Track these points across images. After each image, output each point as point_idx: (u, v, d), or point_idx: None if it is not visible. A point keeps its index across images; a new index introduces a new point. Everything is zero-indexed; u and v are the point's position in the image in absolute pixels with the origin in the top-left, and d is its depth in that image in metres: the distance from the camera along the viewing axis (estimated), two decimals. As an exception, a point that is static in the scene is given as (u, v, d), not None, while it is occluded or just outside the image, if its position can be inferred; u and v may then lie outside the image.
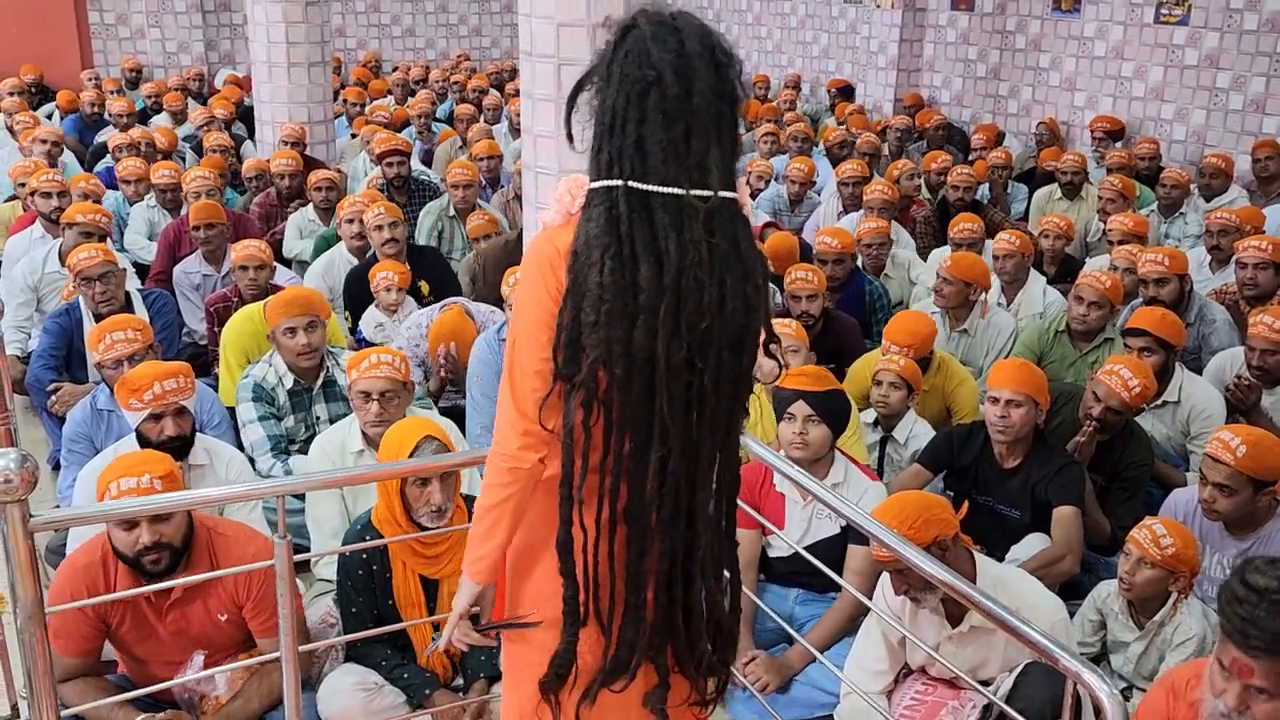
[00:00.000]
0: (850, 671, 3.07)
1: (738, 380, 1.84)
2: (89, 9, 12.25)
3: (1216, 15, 8.11)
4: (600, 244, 1.72)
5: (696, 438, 1.80)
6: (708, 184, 1.72)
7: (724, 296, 1.74)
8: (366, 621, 3.05)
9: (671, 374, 1.74)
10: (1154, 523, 3.06)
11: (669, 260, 1.70)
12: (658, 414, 1.75)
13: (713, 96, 1.71)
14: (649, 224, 1.71)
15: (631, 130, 1.71)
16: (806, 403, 3.41)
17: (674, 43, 1.71)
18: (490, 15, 14.42)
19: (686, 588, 1.91)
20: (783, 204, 7.41)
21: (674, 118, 1.70)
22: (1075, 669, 1.92)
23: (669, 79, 1.69)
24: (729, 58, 1.75)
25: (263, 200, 6.91)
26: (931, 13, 10.56)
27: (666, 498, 1.81)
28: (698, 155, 1.71)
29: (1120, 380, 3.74)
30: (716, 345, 1.76)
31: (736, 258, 1.76)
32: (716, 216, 1.73)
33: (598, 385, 1.75)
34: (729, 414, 1.86)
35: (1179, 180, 6.69)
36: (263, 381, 4.14)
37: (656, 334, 1.71)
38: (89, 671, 2.99)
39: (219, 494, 2.83)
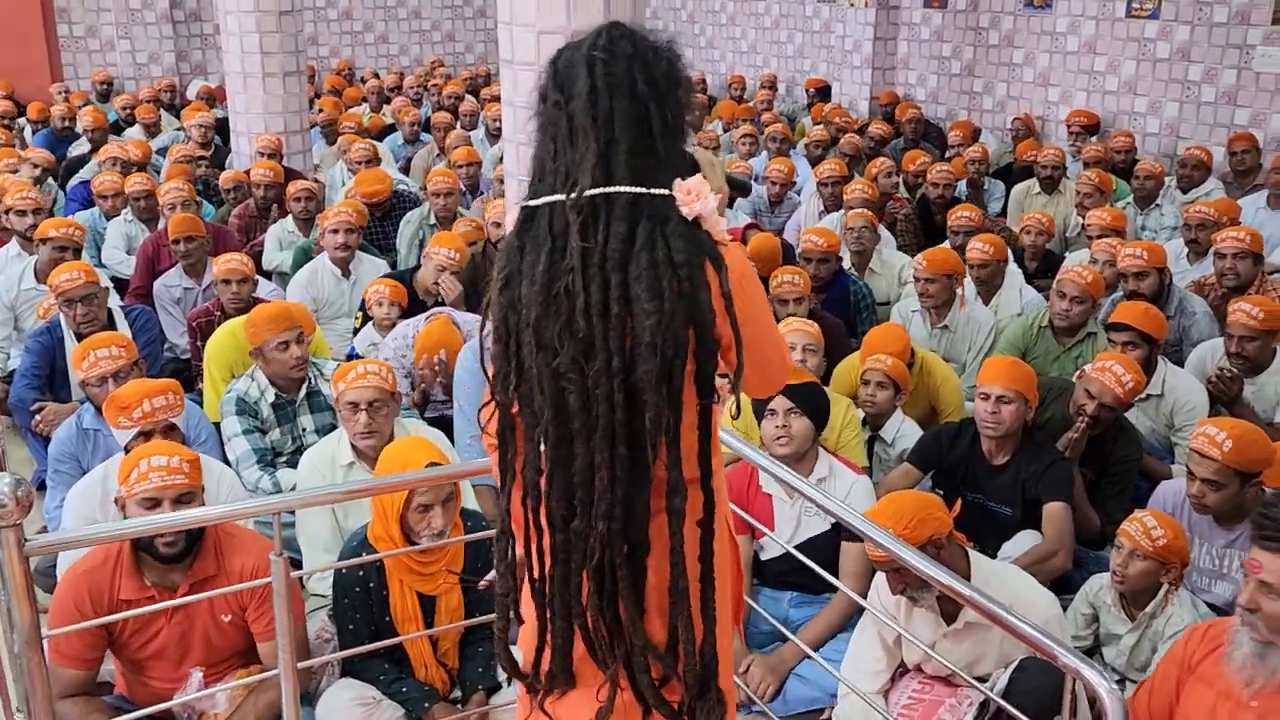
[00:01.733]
0: (847, 672, 3.09)
1: (636, 391, 1.67)
2: (57, 21, 12.15)
3: (1187, 8, 8.20)
4: (498, 267, 1.77)
5: (603, 454, 1.69)
6: (591, 184, 1.67)
7: (607, 300, 1.65)
8: (363, 638, 3.04)
9: (555, 384, 1.70)
10: (1144, 515, 3.10)
11: (539, 270, 1.69)
12: (547, 424, 1.72)
13: (592, 94, 1.67)
14: (534, 240, 1.72)
15: (535, 152, 1.75)
16: (786, 396, 3.43)
17: (566, 55, 1.73)
18: (464, 21, 14.39)
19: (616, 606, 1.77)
20: (763, 205, 7.43)
21: (554, 126, 1.71)
22: (1074, 665, 1.95)
23: (549, 90, 1.72)
24: (620, 51, 1.69)
25: (242, 212, 6.87)
26: (905, 10, 10.62)
27: (584, 511, 1.73)
28: (577, 157, 1.68)
29: (1114, 377, 3.77)
30: (604, 354, 1.66)
31: (634, 260, 1.66)
32: (602, 216, 1.67)
33: (509, 399, 1.77)
34: (633, 428, 1.69)
35: (1153, 172, 6.76)
36: (245, 395, 4.12)
37: (535, 345, 1.70)
38: (88, 687, 2.98)
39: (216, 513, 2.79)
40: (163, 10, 12.44)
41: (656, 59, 1.72)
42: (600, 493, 1.70)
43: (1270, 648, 2.27)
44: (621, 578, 1.74)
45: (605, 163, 1.67)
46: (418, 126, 9.50)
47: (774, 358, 1.87)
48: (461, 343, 4.49)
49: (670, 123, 1.73)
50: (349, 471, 3.64)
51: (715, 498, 1.79)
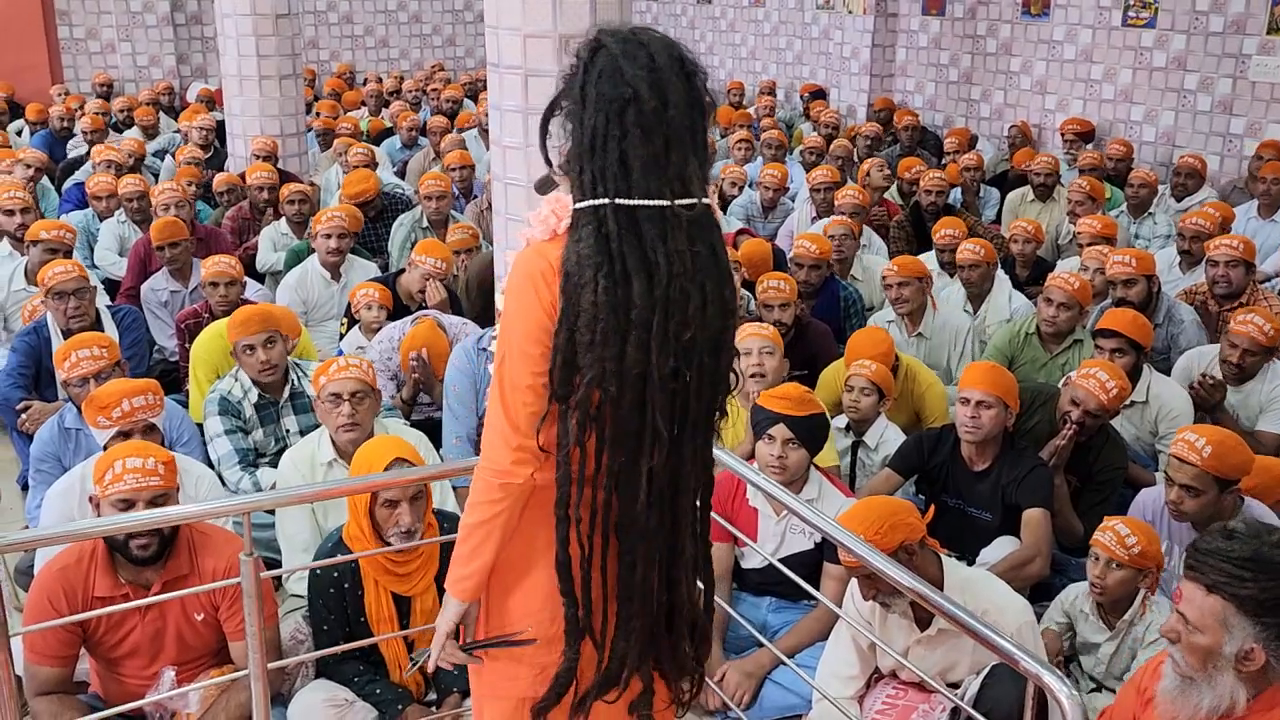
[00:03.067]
0: (821, 677, 3.09)
1: (717, 384, 1.89)
2: (58, 24, 12.18)
3: (1183, 17, 8.20)
4: (593, 263, 1.73)
5: (679, 444, 1.85)
6: (690, 193, 1.77)
7: (705, 303, 1.79)
8: (338, 638, 3.04)
9: (662, 385, 1.78)
10: (1117, 523, 3.08)
11: (659, 273, 1.74)
12: (648, 426, 1.79)
13: (686, 107, 1.75)
14: (637, 239, 1.74)
15: (614, 148, 1.73)
16: (787, 426, 3.40)
17: (644, 58, 1.74)
18: (464, 25, 14.42)
19: (671, 592, 1.94)
20: (755, 210, 7.43)
21: (653, 131, 1.73)
22: (1035, 670, 1.95)
23: (645, 94, 1.72)
24: (696, 67, 1.79)
25: (235, 214, 6.89)
26: (903, 18, 10.63)
27: (654, 507, 1.85)
28: (678, 166, 1.76)
29: (1098, 383, 3.76)
30: (699, 352, 1.80)
31: (714, 264, 1.81)
32: (697, 225, 1.78)
33: (591, 403, 1.77)
34: (708, 417, 1.91)
35: (1147, 180, 6.75)
36: (228, 395, 4.13)
37: (649, 348, 1.74)
38: (64, 685, 2.98)
39: (188, 511, 2.82)
40: (163, 13, 12.48)
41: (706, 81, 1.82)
42: (690, 484, 1.90)
43: (1190, 682, 2.21)
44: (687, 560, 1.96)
45: (704, 174, 1.80)
46: (415, 131, 9.52)
47: None
48: (446, 345, 4.49)
49: None
50: (329, 470, 3.64)
51: None
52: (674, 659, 1.99)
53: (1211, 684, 2.18)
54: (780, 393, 3.52)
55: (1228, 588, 2.13)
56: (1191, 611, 2.18)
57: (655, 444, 1.80)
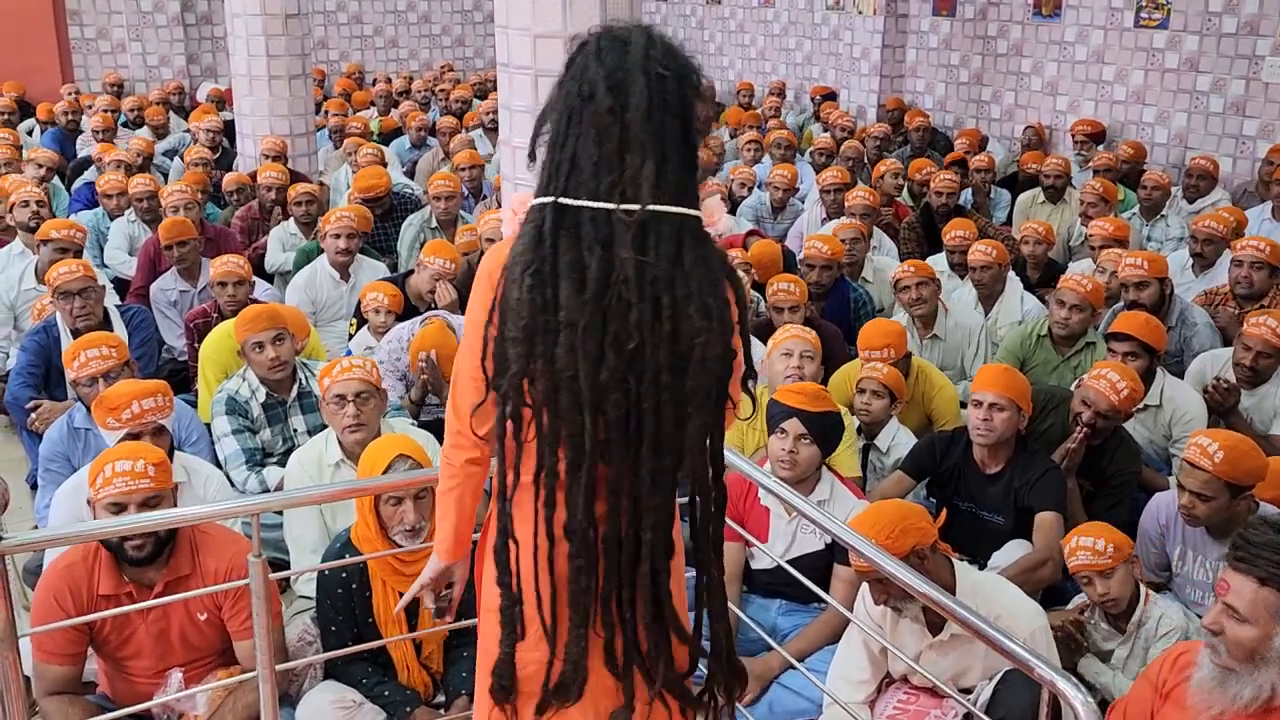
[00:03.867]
0: (832, 682, 3.07)
1: (682, 404, 1.73)
2: (69, 24, 12.22)
3: (1195, 18, 8.16)
4: (523, 261, 1.71)
5: (639, 459, 1.74)
6: (638, 199, 1.68)
7: (659, 316, 1.68)
8: (346, 640, 3.04)
9: (598, 393, 1.70)
10: (1079, 538, 3.09)
11: (589, 277, 1.68)
12: (587, 433, 1.73)
13: (650, 109, 1.67)
14: (574, 240, 1.69)
15: (569, 146, 1.70)
16: (800, 421, 3.38)
17: (615, 56, 1.68)
18: (473, 25, 14.43)
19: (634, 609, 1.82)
20: (765, 211, 7.41)
21: (606, 132, 1.67)
22: (1050, 677, 1.93)
23: (601, 93, 1.67)
24: (675, 69, 1.70)
25: (244, 214, 6.89)
26: (913, 19, 10.60)
27: (610, 517, 1.77)
28: (631, 170, 1.67)
29: (1108, 384, 3.74)
30: (653, 367, 1.70)
31: (680, 275, 1.69)
32: (651, 232, 1.68)
33: (523, 399, 1.76)
34: (678, 438, 1.75)
35: (1160, 182, 6.70)
36: (236, 395, 4.12)
37: (577, 351, 1.69)
38: (73, 685, 2.98)
39: (195, 513, 2.80)
40: (174, 13, 12.52)
41: (696, 80, 1.74)
42: (647, 502, 1.77)
43: (1230, 674, 2.21)
44: (662, 582, 1.83)
45: (658, 180, 1.69)
46: (424, 131, 9.53)
47: None
48: (455, 346, 4.48)
49: (696, 143, 1.77)
50: (336, 471, 3.64)
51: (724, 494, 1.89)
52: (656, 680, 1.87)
53: (1253, 676, 2.18)
54: (797, 388, 3.51)
55: None
56: (1241, 604, 2.17)
57: (601, 452, 1.73)
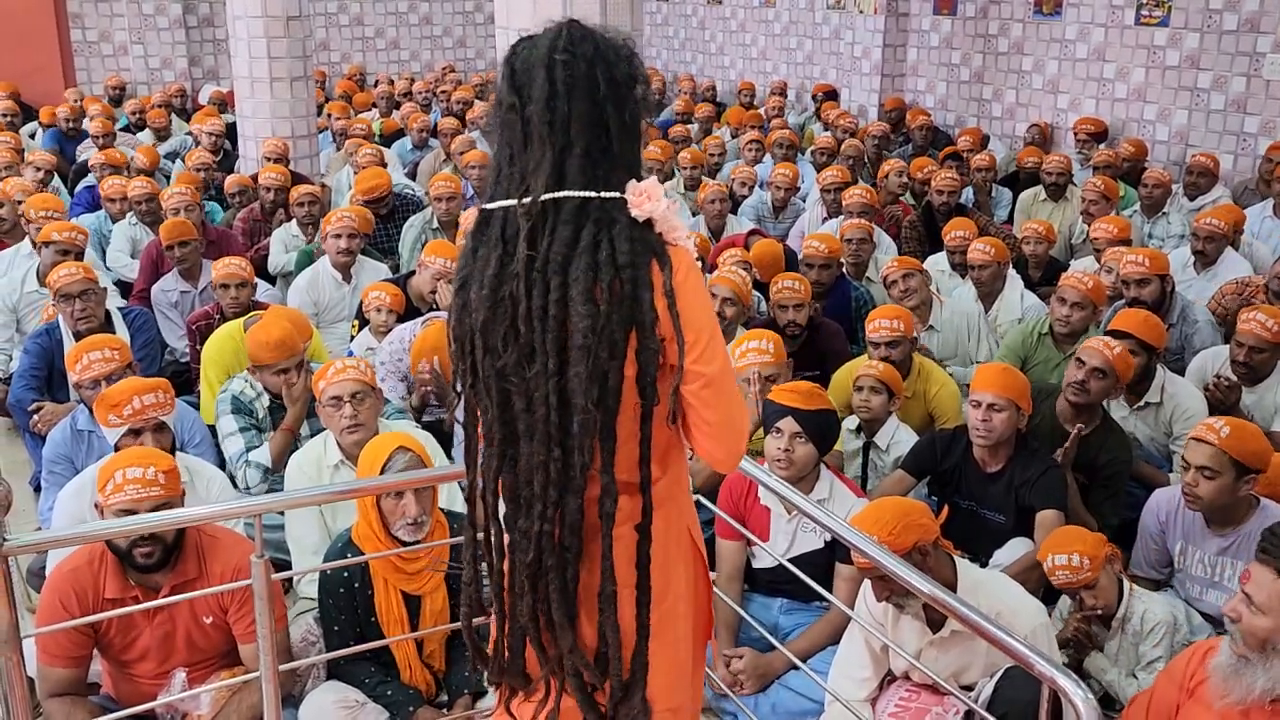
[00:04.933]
0: (834, 679, 3.07)
1: (566, 394, 1.68)
2: (71, 26, 12.24)
3: (1196, 16, 8.15)
4: (456, 270, 1.79)
5: (541, 456, 1.71)
6: (527, 190, 1.68)
7: (546, 303, 1.66)
8: (349, 639, 3.04)
9: (498, 385, 1.73)
10: (1055, 556, 3.13)
11: (488, 276, 1.71)
12: (495, 425, 1.75)
13: (550, 99, 1.65)
14: (486, 245, 1.73)
15: (495, 156, 1.74)
16: (795, 420, 3.38)
17: (523, 56, 1.70)
18: (474, 26, 14.44)
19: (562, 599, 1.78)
20: (767, 211, 7.42)
21: (511, 130, 1.70)
22: (1050, 673, 1.93)
23: (504, 93, 1.69)
24: (581, 52, 1.67)
25: (246, 216, 6.91)
26: (914, 18, 10.60)
27: (526, 507, 1.76)
28: (533, 162, 1.68)
29: (1101, 342, 3.89)
30: (543, 357, 1.67)
31: (574, 263, 1.65)
32: (549, 221, 1.67)
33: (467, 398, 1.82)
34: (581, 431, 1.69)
35: (1161, 180, 6.70)
36: (241, 395, 4.12)
37: (479, 350, 1.74)
38: (76, 687, 2.99)
39: (198, 513, 2.80)
40: (176, 16, 12.54)
41: (617, 59, 1.70)
42: (538, 494, 1.73)
43: (1246, 663, 2.23)
44: (552, 580, 1.76)
45: (559, 168, 1.67)
46: (426, 132, 9.54)
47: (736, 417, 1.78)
48: (457, 347, 4.48)
49: (628, 124, 1.72)
50: (336, 472, 3.64)
51: (655, 505, 1.78)
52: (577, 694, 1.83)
53: (1268, 668, 2.20)
54: (790, 387, 3.51)
55: None
56: (1259, 594, 2.19)
57: (508, 444, 1.75)
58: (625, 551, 1.78)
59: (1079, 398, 3.85)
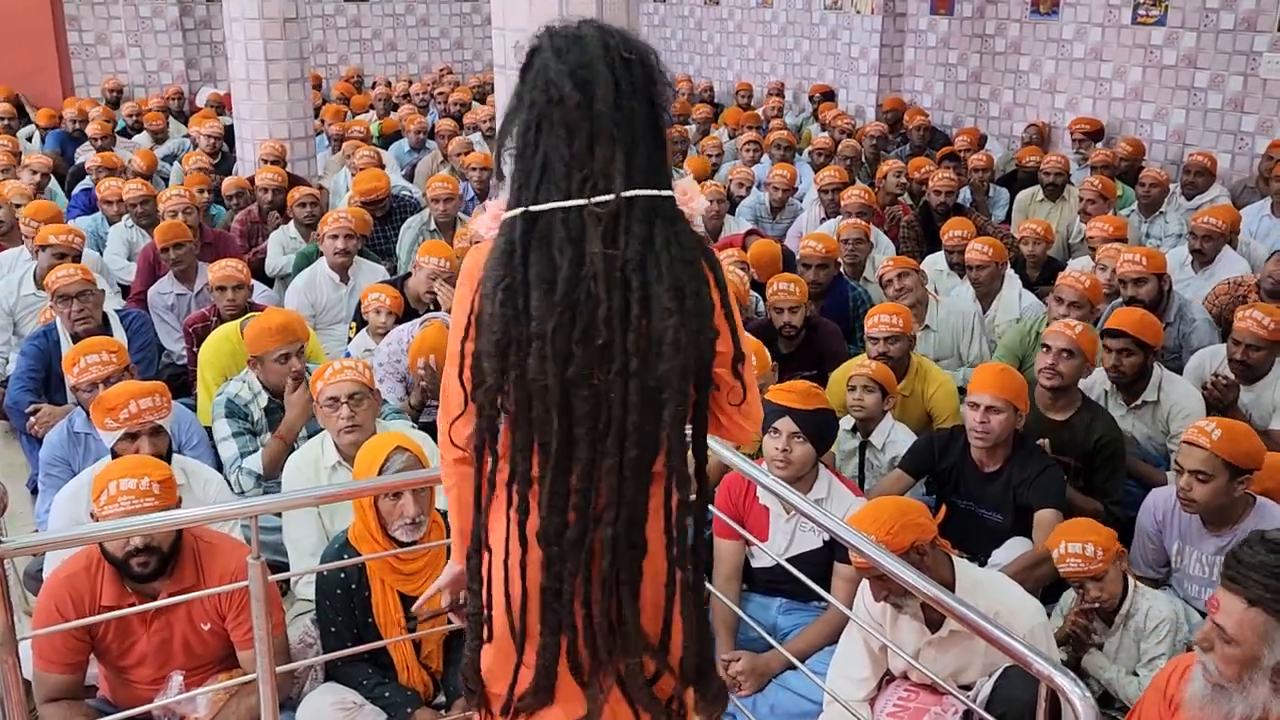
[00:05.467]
0: (833, 679, 3.07)
1: (655, 392, 1.68)
2: (68, 29, 12.24)
3: (1193, 15, 8.16)
4: (494, 275, 1.69)
5: (605, 453, 1.70)
6: (610, 189, 1.66)
7: (628, 303, 1.65)
8: (346, 641, 3.03)
9: (565, 392, 1.67)
10: (1066, 544, 3.13)
11: (560, 278, 1.65)
12: (555, 435, 1.70)
13: (617, 98, 1.65)
14: (546, 246, 1.67)
15: (539, 152, 1.67)
16: (793, 420, 3.38)
17: (575, 53, 1.67)
18: (471, 28, 14.44)
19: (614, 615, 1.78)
20: (764, 211, 7.42)
21: (576, 129, 1.65)
22: (1048, 672, 1.93)
23: (568, 90, 1.65)
24: (635, 53, 1.69)
25: (244, 217, 6.90)
26: (911, 18, 10.61)
27: (579, 520, 1.73)
28: (602, 162, 1.65)
29: (1062, 324, 3.98)
30: (621, 356, 1.66)
31: (651, 258, 1.66)
32: (623, 220, 1.66)
33: (496, 411, 1.74)
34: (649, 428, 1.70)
35: (1158, 179, 6.70)
36: (236, 398, 4.12)
37: (547, 358, 1.66)
38: (73, 692, 2.98)
39: (195, 515, 2.81)
40: (173, 18, 12.53)
41: (658, 61, 1.73)
42: (609, 498, 1.72)
43: (1221, 690, 2.19)
44: (625, 581, 1.77)
45: (629, 167, 1.67)
46: (423, 134, 9.54)
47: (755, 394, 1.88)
48: (455, 348, 4.48)
49: (665, 127, 1.76)
50: (333, 473, 3.63)
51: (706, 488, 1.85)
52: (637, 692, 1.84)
53: (1245, 694, 2.16)
54: (787, 386, 3.51)
55: (1272, 603, 2.10)
56: (1230, 624, 2.15)
57: (567, 454, 1.70)
58: None
59: (1053, 381, 3.89)
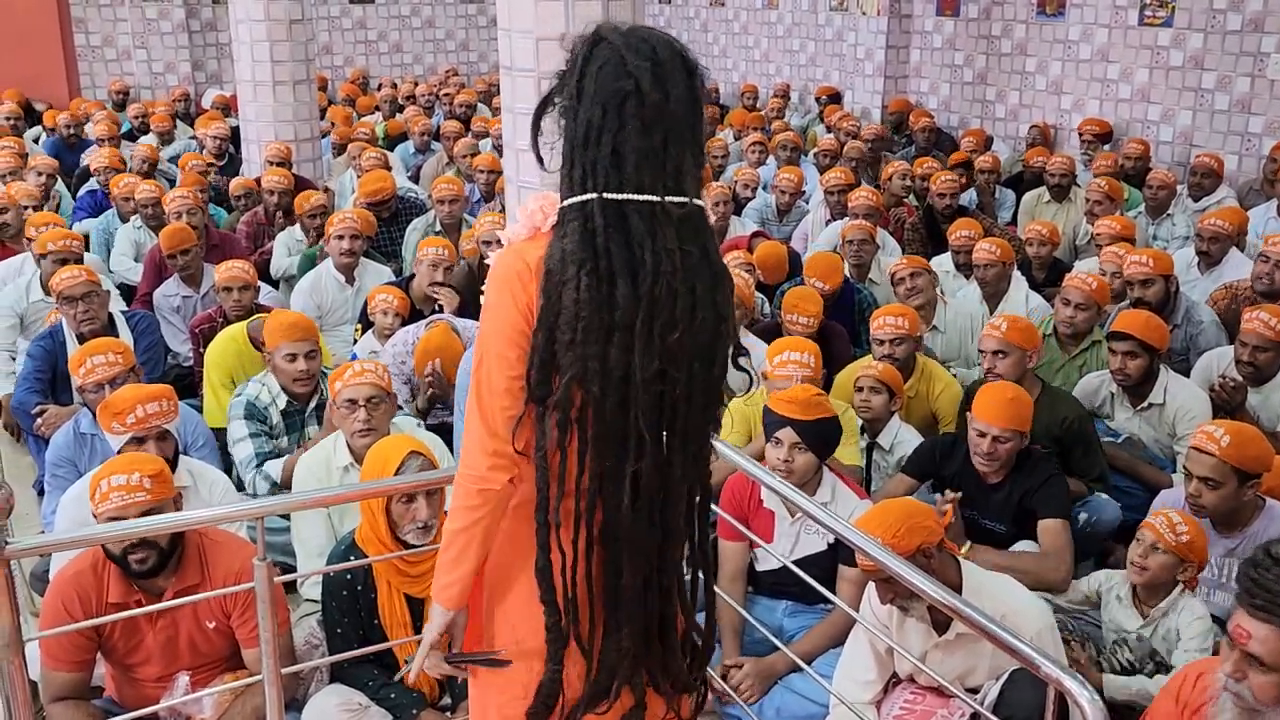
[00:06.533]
0: (839, 682, 3.06)
1: (709, 391, 1.81)
2: (74, 31, 12.26)
3: (1200, 16, 8.14)
4: (576, 260, 1.68)
5: (669, 451, 1.79)
6: (683, 190, 1.71)
7: (694, 305, 1.72)
8: (352, 642, 3.03)
9: (645, 387, 1.71)
10: (1170, 511, 3.10)
11: (644, 271, 1.68)
12: (632, 429, 1.72)
13: (689, 103, 1.72)
14: (625, 235, 1.68)
15: (608, 141, 1.68)
16: (795, 430, 3.36)
17: (648, 50, 1.70)
18: (477, 30, 14.45)
19: (663, 604, 1.89)
20: (770, 213, 7.41)
21: (652, 124, 1.68)
22: (1055, 675, 1.92)
23: (648, 85, 1.67)
24: (697, 65, 1.76)
25: (250, 219, 6.91)
26: (917, 19, 10.59)
27: (641, 514, 1.78)
28: (674, 161, 1.70)
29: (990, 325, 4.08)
30: (688, 355, 1.73)
31: (706, 266, 1.75)
32: (688, 224, 1.73)
33: (572, 405, 1.72)
34: (701, 426, 1.83)
35: (1165, 181, 6.68)
36: (255, 400, 4.12)
37: (632, 349, 1.68)
38: (80, 691, 2.98)
39: (201, 516, 2.82)
40: (179, 20, 12.55)
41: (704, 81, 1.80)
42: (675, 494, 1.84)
43: (1258, 715, 2.17)
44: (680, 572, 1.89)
45: (698, 173, 1.76)
46: (428, 135, 9.54)
47: None
48: (461, 349, 4.48)
49: None
50: (345, 474, 3.64)
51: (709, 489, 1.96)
52: (667, 673, 1.92)
53: None
54: (789, 395, 3.48)
55: None
56: (1265, 651, 2.12)
57: (640, 448, 1.74)
58: None
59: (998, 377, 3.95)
